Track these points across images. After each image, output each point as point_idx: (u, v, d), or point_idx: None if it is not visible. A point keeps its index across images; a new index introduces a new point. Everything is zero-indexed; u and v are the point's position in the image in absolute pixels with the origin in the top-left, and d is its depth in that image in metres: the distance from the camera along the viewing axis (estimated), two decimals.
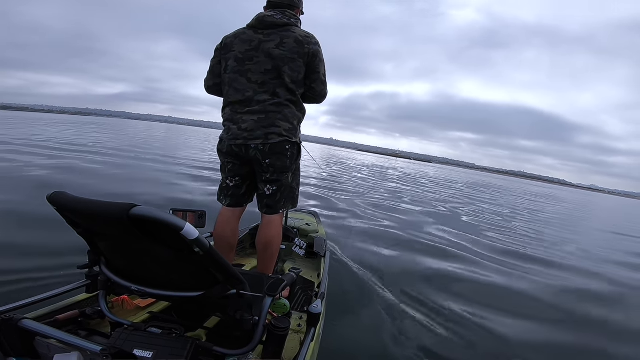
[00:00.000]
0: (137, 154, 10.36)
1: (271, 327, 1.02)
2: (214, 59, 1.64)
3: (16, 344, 0.88)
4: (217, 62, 1.62)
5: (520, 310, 2.69)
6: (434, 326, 2.17)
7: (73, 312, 1.13)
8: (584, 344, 2.31)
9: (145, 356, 0.81)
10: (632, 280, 4.22)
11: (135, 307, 1.37)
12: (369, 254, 3.53)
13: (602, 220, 14.73)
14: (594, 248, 6.35)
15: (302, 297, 1.72)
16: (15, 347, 0.88)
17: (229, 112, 1.56)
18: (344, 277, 2.74)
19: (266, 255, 1.60)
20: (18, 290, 1.82)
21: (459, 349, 1.97)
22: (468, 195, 14.61)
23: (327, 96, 1.70)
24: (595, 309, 2.97)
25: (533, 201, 17.93)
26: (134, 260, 0.93)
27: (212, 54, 1.65)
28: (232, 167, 1.59)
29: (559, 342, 2.28)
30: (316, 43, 1.55)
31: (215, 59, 1.63)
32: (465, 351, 1.97)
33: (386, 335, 1.97)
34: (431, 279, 3.03)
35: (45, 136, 13.19)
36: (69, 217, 0.88)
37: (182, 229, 0.73)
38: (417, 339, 1.97)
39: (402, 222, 5.67)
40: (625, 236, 9.20)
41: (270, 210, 1.58)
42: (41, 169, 5.71)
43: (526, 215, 10.33)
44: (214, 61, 1.64)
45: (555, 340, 2.30)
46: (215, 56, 1.62)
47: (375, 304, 2.36)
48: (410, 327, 2.12)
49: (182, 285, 0.91)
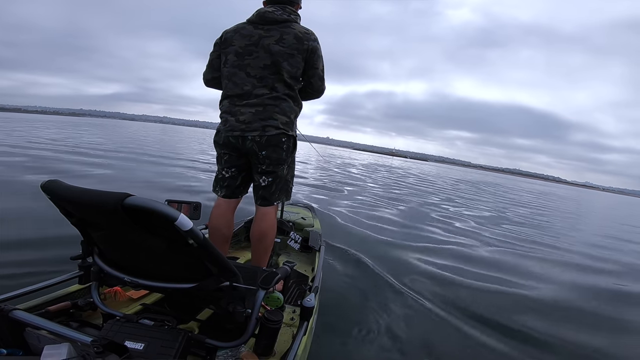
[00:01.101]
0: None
1: (264, 320, 1.02)
2: (213, 53, 1.65)
3: (6, 334, 0.88)
4: (216, 56, 1.63)
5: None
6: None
7: (65, 304, 1.13)
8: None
9: (137, 348, 0.81)
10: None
11: (127, 298, 1.37)
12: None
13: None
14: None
15: (296, 291, 1.72)
16: (5, 338, 0.87)
17: (227, 104, 1.57)
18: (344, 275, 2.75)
19: (260, 248, 1.61)
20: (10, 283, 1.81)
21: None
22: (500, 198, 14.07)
23: (325, 93, 1.73)
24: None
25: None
26: (127, 251, 0.93)
27: (207, 53, 1.68)
28: (228, 159, 1.60)
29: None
30: (315, 39, 1.58)
31: (214, 52, 1.64)
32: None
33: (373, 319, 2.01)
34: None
35: (82, 140, 13.09)
36: (63, 206, 0.87)
37: (176, 219, 0.72)
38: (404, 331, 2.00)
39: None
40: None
41: (264, 201, 1.60)
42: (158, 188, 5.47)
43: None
44: (213, 55, 1.65)
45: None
46: (215, 50, 1.64)
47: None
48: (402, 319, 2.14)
49: (175, 277, 0.91)
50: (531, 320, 2.40)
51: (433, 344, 1.95)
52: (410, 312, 2.30)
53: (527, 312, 2.57)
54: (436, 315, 2.30)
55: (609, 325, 2.60)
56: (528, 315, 2.49)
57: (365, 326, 1.99)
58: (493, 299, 2.75)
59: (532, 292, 3.02)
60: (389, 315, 2.18)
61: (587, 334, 2.36)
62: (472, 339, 2.07)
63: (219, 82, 1.65)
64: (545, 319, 2.48)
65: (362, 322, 2.02)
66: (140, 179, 6.22)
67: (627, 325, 2.64)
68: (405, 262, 3.37)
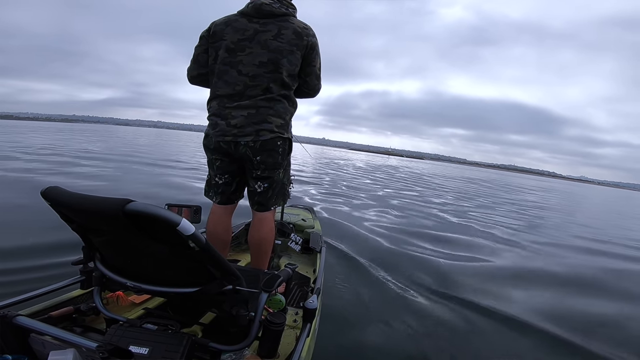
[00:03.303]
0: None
1: (267, 323, 1.02)
2: (199, 47, 1.51)
3: (11, 340, 0.88)
4: (202, 51, 1.51)
5: None
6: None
7: (67, 309, 1.13)
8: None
9: (141, 352, 0.81)
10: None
11: (130, 303, 1.37)
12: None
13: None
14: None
15: (298, 293, 1.72)
16: (9, 344, 0.87)
17: (215, 105, 1.46)
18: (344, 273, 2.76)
19: (259, 253, 1.57)
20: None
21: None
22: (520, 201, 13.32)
23: (320, 93, 1.64)
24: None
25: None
26: (129, 256, 0.93)
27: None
28: (220, 164, 1.52)
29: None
30: (314, 35, 1.49)
31: (200, 47, 1.51)
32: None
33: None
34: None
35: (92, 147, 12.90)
36: (63, 212, 0.87)
37: (178, 224, 0.72)
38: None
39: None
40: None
41: (261, 207, 1.54)
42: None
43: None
44: (199, 49, 1.51)
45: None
46: (201, 44, 1.50)
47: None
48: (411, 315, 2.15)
49: (178, 281, 0.91)
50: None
51: (439, 342, 1.95)
52: (419, 313, 2.29)
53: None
54: (441, 315, 2.30)
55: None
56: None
57: (369, 326, 1.99)
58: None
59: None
60: (393, 315, 2.18)
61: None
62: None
63: (205, 79, 1.53)
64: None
65: (366, 323, 2.03)
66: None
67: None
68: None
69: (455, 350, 1.93)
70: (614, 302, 3.01)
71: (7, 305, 0.95)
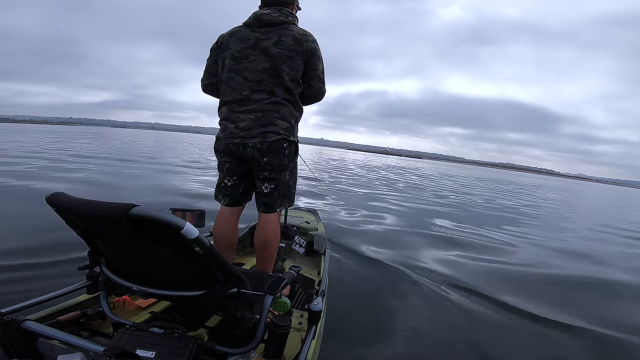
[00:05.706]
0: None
1: (272, 326, 1.02)
2: (209, 59, 1.63)
3: (19, 345, 0.88)
4: (213, 62, 1.62)
5: None
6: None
7: (74, 313, 1.14)
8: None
9: (148, 356, 0.81)
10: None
11: (136, 307, 1.38)
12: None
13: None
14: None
15: (303, 295, 1.73)
16: (18, 349, 0.88)
17: (225, 111, 1.55)
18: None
19: (264, 255, 1.61)
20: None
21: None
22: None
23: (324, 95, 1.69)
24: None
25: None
26: (134, 260, 0.93)
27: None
28: (229, 167, 1.58)
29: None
30: (314, 41, 1.55)
31: (211, 58, 1.62)
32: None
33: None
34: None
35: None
36: (68, 218, 0.88)
37: (182, 228, 0.73)
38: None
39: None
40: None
41: (267, 208, 1.58)
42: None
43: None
44: (209, 60, 1.63)
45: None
46: (211, 55, 1.62)
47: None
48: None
49: (183, 285, 0.91)
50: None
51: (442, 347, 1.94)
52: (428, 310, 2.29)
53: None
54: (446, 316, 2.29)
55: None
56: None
57: (373, 328, 1.98)
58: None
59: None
60: (398, 316, 2.17)
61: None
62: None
63: (216, 88, 1.63)
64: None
65: (370, 324, 2.02)
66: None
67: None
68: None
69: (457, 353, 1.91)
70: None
71: (15, 310, 0.96)
